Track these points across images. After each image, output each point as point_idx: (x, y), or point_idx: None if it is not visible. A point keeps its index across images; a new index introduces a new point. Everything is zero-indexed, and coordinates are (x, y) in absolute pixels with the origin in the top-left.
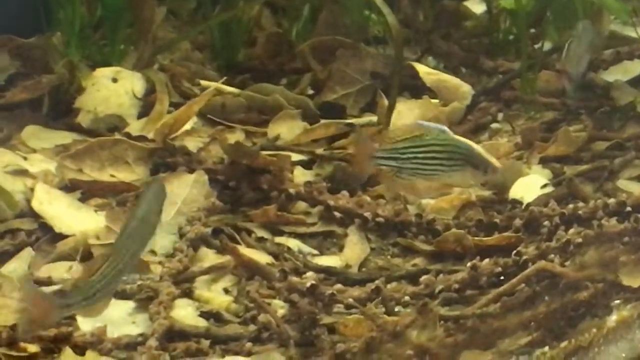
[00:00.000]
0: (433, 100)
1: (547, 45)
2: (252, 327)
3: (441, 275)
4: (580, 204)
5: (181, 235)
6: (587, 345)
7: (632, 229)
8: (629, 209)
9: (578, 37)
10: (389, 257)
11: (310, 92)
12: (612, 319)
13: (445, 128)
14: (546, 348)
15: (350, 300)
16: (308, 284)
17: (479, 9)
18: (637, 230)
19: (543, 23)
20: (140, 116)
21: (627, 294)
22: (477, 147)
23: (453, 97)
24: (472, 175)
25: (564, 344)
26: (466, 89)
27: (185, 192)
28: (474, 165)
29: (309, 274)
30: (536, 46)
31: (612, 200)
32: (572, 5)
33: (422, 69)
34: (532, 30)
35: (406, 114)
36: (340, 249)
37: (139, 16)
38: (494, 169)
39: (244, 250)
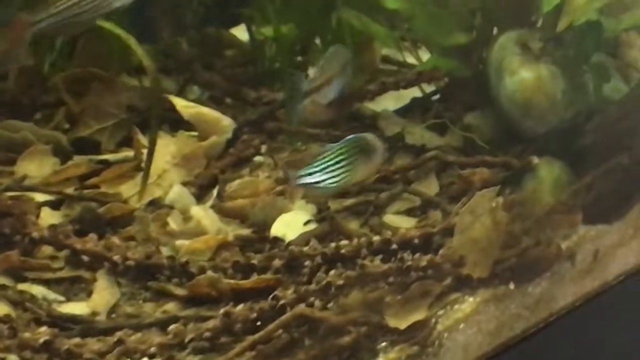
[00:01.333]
0: (191, 134)
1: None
2: None
3: (192, 323)
4: (343, 242)
5: None
6: None
7: (397, 268)
8: (394, 246)
9: (326, 61)
10: (140, 302)
11: (67, 126)
12: None
13: None
14: None
15: (89, 354)
16: (41, 340)
17: (246, 36)
18: (402, 270)
19: (310, 51)
20: None
21: (394, 336)
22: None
23: (213, 130)
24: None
25: None
26: (227, 122)
27: None
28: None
29: (43, 328)
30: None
31: (376, 238)
32: (340, 33)
33: (178, 102)
34: (299, 59)
35: (161, 150)
36: (89, 294)
37: None
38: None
39: None
